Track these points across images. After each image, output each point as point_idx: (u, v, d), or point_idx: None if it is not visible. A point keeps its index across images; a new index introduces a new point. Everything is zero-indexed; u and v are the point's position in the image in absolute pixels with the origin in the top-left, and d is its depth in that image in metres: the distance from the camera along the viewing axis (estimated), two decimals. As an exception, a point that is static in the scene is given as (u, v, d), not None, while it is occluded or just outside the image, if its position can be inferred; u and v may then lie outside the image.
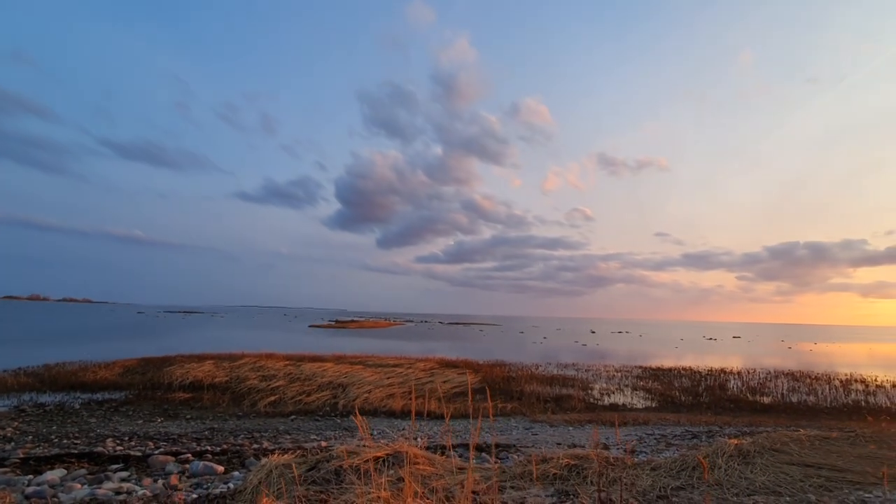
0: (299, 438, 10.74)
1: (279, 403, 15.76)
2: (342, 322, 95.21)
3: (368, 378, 18.78)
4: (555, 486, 4.60)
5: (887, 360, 41.84)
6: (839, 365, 34.80)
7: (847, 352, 53.55)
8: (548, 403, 17.06)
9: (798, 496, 4.70)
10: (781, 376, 25.66)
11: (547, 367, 27.91)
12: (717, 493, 4.67)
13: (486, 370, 23.35)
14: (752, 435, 8.87)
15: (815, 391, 21.23)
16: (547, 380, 22.26)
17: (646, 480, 5.00)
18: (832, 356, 45.51)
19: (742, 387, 22.17)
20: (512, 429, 12.65)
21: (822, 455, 6.73)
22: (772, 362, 35.65)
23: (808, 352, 51.62)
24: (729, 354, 44.38)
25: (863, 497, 4.66)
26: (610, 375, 25.31)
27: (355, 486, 3.24)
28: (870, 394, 20.69)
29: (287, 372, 19.26)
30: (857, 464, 6.16)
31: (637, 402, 18.57)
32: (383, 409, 15.20)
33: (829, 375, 26.25)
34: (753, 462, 6.02)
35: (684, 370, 27.58)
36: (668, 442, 10.32)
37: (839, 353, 49.89)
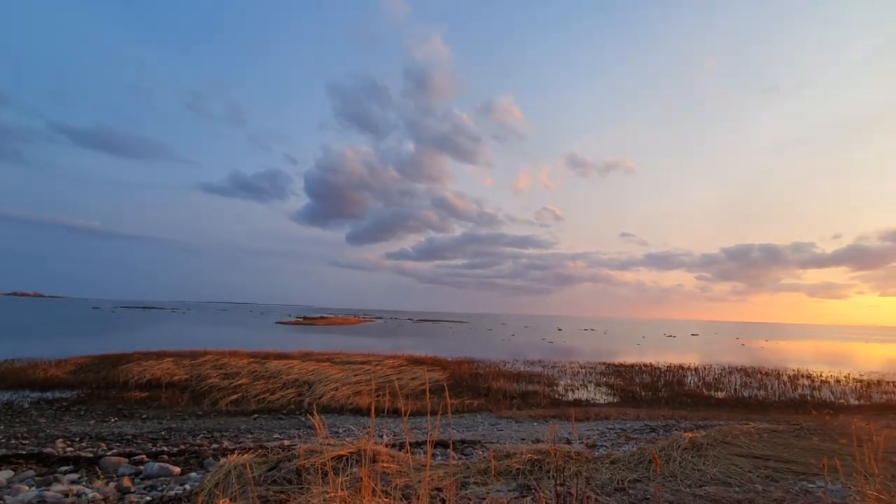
0: (262, 438, 10.51)
1: (242, 402, 15.37)
2: (310, 319, 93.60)
3: (336, 375, 18.56)
4: (517, 481, 4.68)
5: (831, 357, 44.51)
6: (788, 361, 36.80)
7: (795, 349, 56.65)
8: (514, 400, 17.31)
9: (746, 486, 4.95)
10: (735, 372, 26.93)
11: (514, 363, 28.31)
12: (672, 485, 4.86)
13: (455, 367, 23.47)
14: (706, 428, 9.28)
15: (766, 386, 22.39)
16: (514, 376, 22.58)
17: (605, 474, 5.15)
18: (782, 353, 48.05)
19: (698, 382, 23.13)
20: (478, 425, 12.77)
21: (769, 447, 7.11)
22: (726, 359, 37.32)
23: (760, 349, 54.30)
24: (687, 351, 46.18)
25: (806, 487, 4.94)
26: (575, 372, 25.90)
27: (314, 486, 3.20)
28: (815, 389, 21.99)
29: (251, 370, 18.80)
30: (802, 455, 6.54)
31: (600, 398, 19.10)
32: (350, 407, 15.06)
33: (779, 371, 27.74)
34: (706, 454, 6.30)
35: (645, 366, 28.53)
36: (628, 436, 10.66)
37: (788, 351, 52.72)
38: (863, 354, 49.52)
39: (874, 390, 21.75)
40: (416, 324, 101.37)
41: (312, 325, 74.05)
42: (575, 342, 55.68)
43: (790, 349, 55.36)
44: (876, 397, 20.05)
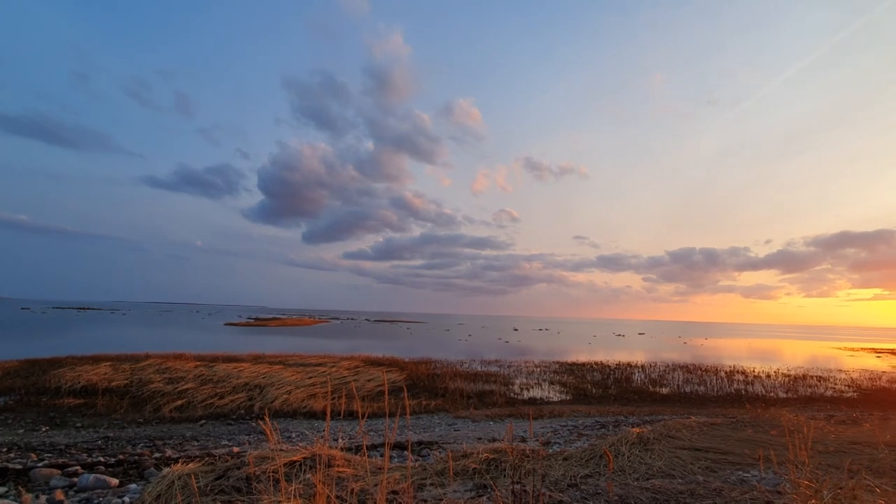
0: (209, 445, 10.03)
1: (187, 408, 14.61)
2: (262, 320, 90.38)
3: (289, 378, 18.02)
4: (474, 481, 4.71)
5: (762, 354, 47.84)
6: (724, 358, 39.21)
7: (731, 347, 60.46)
8: (471, 399, 17.45)
9: (688, 477, 5.23)
10: (678, 369, 28.41)
11: (471, 364, 28.55)
12: (621, 479, 5.05)
13: (412, 368, 23.39)
14: (652, 423, 9.73)
15: (705, 382, 23.77)
16: (470, 376, 22.77)
17: (558, 470, 5.28)
18: (719, 351, 51.14)
19: (645, 379, 24.22)
20: (435, 425, 12.78)
21: (709, 440, 7.54)
22: (670, 356, 39.31)
23: (700, 347, 57.57)
24: (634, 350, 48.25)
25: (742, 477, 5.27)
26: (530, 371, 26.45)
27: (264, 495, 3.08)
28: (749, 384, 23.55)
29: (198, 373, 17.92)
30: (738, 446, 6.98)
31: (553, 396, 19.60)
32: (304, 411, 14.66)
33: (717, 368, 29.52)
34: (652, 448, 6.59)
35: (595, 365, 29.57)
36: (580, 432, 11.00)
37: (725, 348, 56.18)
38: (789, 351, 53.58)
39: (800, 384, 23.57)
40: (374, 324, 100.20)
41: (264, 327, 71.55)
42: (530, 342, 56.87)
43: (727, 347, 59.02)
44: (802, 391, 21.73)
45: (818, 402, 18.64)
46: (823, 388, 22.68)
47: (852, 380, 25.73)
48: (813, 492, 2.65)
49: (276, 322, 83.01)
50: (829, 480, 2.74)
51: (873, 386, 23.66)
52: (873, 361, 40.37)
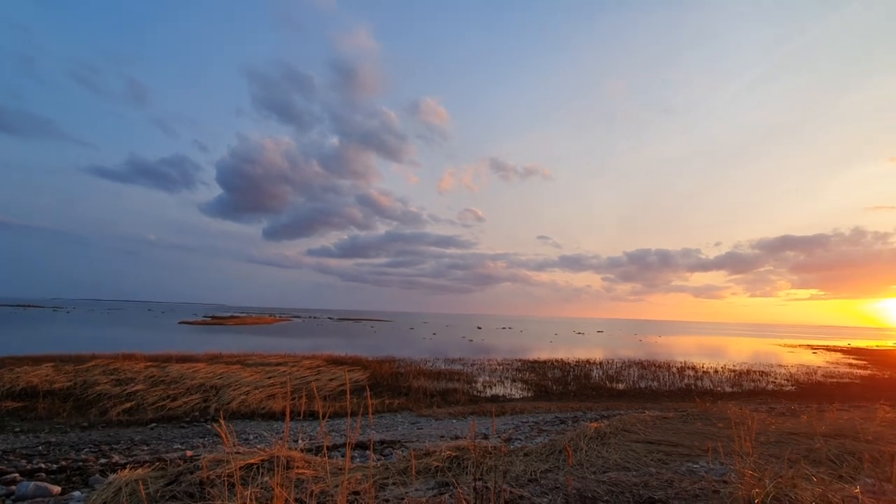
0: (160, 449, 9.59)
1: (136, 410, 13.91)
2: (219, 318, 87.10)
3: (247, 378, 17.47)
4: (436, 479, 4.71)
5: (710, 351, 50.36)
6: (676, 355, 41.00)
7: (682, 344, 63.31)
8: (434, 398, 17.48)
9: (642, 470, 5.43)
10: (633, 366, 29.49)
11: (435, 362, 28.60)
12: (579, 473, 5.19)
13: (375, 367, 23.20)
14: (609, 418, 10.05)
15: (658, 377, 24.80)
16: (434, 375, 22.81)
17: (519, 466, 5.37)
18: (672, 348, 53.44)
19: (603, 375, 25.01)
20: (398, 424, 12.72)
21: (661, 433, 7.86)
22: (626, 353, 40.75)
23: (654, 344, 59.97)
24: (593, 347, 49.71)
25: (691, 467, 5.53)
26: (493, 369, 26.76)
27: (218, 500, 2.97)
28: (698, 379, 24.74)
29: (149, 374, 17.09)
30: (688, 439, 7.31)
31: (515, 393, 19.91)
32: (262, 412, 14.25)
33: (669, 364, 30.85)
34: (609, 442, 6.81)
35: (556, 362, 30.27)
36: (541, 428, 11.23)
37: (677, 345, 58.76)
38: (735, 348, 56.63)
39: (744, 379, 24.99)
40: (337, 323, 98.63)
41: (222, 326, 69.02)
42: (493, 340, 57.53)
43: (678, 344, 61.75)
44: (746, 385, 23.04)
45: (761, 396, 19.81)
46: (765, 382, 24.13)
47: (791, 374, 27.52)
48: (756, 480, 2.80)
49: (235, 320, 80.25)
50: (770, 470, 2.91)
51: (810, 380, 25.40)
52: (810, 357, 43.30)
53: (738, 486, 2.87)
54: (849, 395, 19.94)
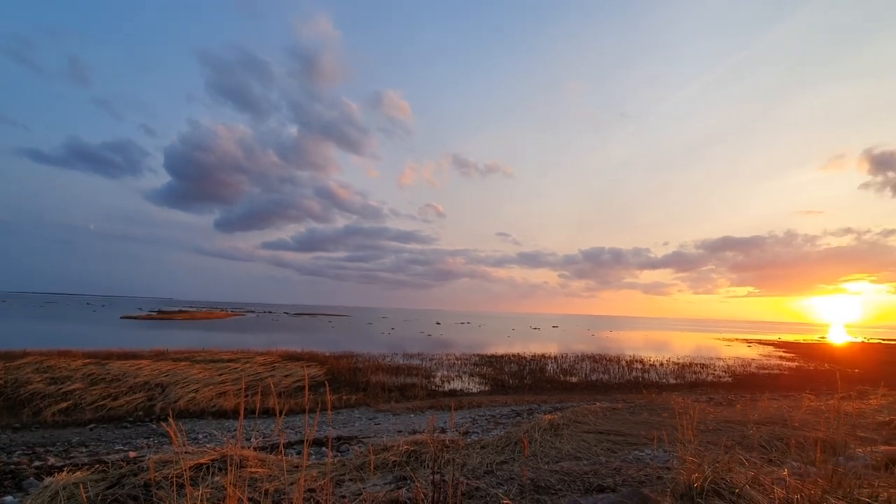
0: (100, 451, 9.05)
1: (74, 410, 13.06)
2: (166, 313, 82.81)
3: (197, 376, 16.76)
4: (394, 474, 4.72)
5: (657, 345, 52.97)
6: (626, 349, 42.83)
7: (632, 338, 66.20)
8: (392, 393, 17.44)
9: (593, 459, 5.67)
10: (586, 359, 30.57)
11: (393, 357, 28.50)
12: (533, 464, 5.34)
13: (333, 362, 22.84)
14: (562, 410, 10.39)
15: (609, 370, 25.85)
16: (392, 370, 22.74)
17: (476, 458, 5.47)
18: (622, 342, 55.78)
19: (557, 369, 25.78)
20: (356, 420, 12.61)
21: (611, 423, 8.21)
22: (579, 348, 42.15)
23: (606, 338, 62.36)
24: (548, 342, 51.10)
25: (638, 455, 5.82)
26: (451, 364, 26.98)
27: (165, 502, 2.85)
28: (645, 371, 25.97)
29: (87, 372, 16.05)
30: (635, 428, 7.68)
31: (473, 387, 20.18)
32: (213, 410, 13.73)
33: (619, 358, 32.19)
34: (562, 433, 7.05)
35: (513, 356, 30.90)
36: (497, 421, 11.45)
37: (627, 340, 61.40)
38: (679, 342, 59.84)
39: (687, 371, 26.47)
40: (293, 317, 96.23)
41: (169, 321, 65.71)
42: (452, 335, 57.95)
43: (628, 339, 64.54)
44: (688, 377, 24.41)
45: (701, 387, 21.06)
46: (705, 374, 25.66)
47: (728, 367, 29.40)
48: (696, 466, 2.99)
49: (183, 315, 76.62)
50: (709, 456, 3.11)
51: (744, 371, 27.25)
52: (745, 350, 46.40)
53: (680, 471, 3.06)
54: (779, 385, 21.54)
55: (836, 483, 2.65)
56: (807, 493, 2.57)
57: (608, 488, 4.16)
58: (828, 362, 34.17)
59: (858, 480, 2.68)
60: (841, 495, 2.55)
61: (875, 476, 2.95)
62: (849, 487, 2.61)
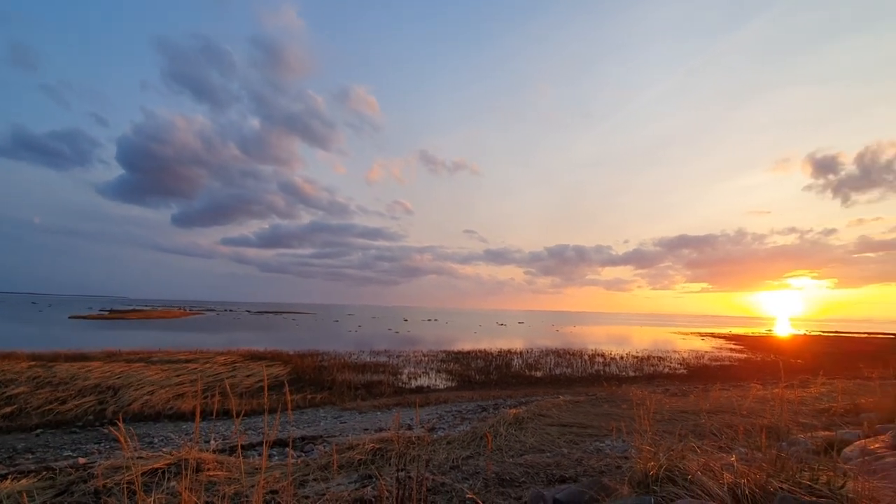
0: (47, 457, 8.54)
1: (18, 415, 12.26)
2: (119, 312, 78.79)
3: (152, 377, 16.05)
4: (359, 472, 4.69)
5: (618, 339, 54.75)
6: (588, 343, 44.03)
7: (594, 333, 68.11)
8: (358, 391, 17.27)
9: (555, 451, 5.81)
10: (550, 354, 31.25)
11: (360, 355, 28.22)
12: (498, 457, 5.42)
13: (297, 361, 22.37)
14: (527, 404, 10.58)
15: (572, 364, 26.53)
16: (359, 367, 22.53)
17: (442, 454, 5.50)
18: (584, 337, 57.30)
19: (522, 364, 26.23)
20: (321, 419, 12.42)
21: (573, 416, 8.44)
22: (544, 343, 43.01)
23: (569, 333, 63.92)
24: (514, 337, 51.88)
25: (598, 446, 6.00)
26: (418, 360, 26.97)
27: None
28: (606, 365, 26.80)
29: (32, 375, 15.08)
30: (596, 420, 7.92)
31: (440, 384, 20.26)
32: (170, 412, 13.20)
33: (582, 352, 33.08)
34: (526, 427, 7.19)
35: (479, 352, 31.21)
36: (463, 417, 11.54)
37: (589, 334, 63.11)
38: (638, 336, 62.05)
39: (645, 364, 27.50)
40: (256, 316, 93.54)
41: (123, 320, 62.57)
42: (419, 332, 57.91)
43: (590, 333, 66.38)
44: (646, 369, 25.37)
45: (658, 379, 21.92)
46: (662, 366, 26.73)
47: (683, 359, 30.73)
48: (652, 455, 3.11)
49: (137, 314, 73.11)
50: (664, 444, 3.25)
51: (698, 363, 28.57)
52: (699, 343, 48.60)
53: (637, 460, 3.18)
54: (729, 376, 22.68)
55: (779, 467, 2.81)
56: (753, 478, 2.72)
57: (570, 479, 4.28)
58: (773, 354, 36.28)
59: (800, 464, 2.85)
60: (783, 479, 2.71)
61: (815, 460, 3.15)
62: (791, 471, 2.77)
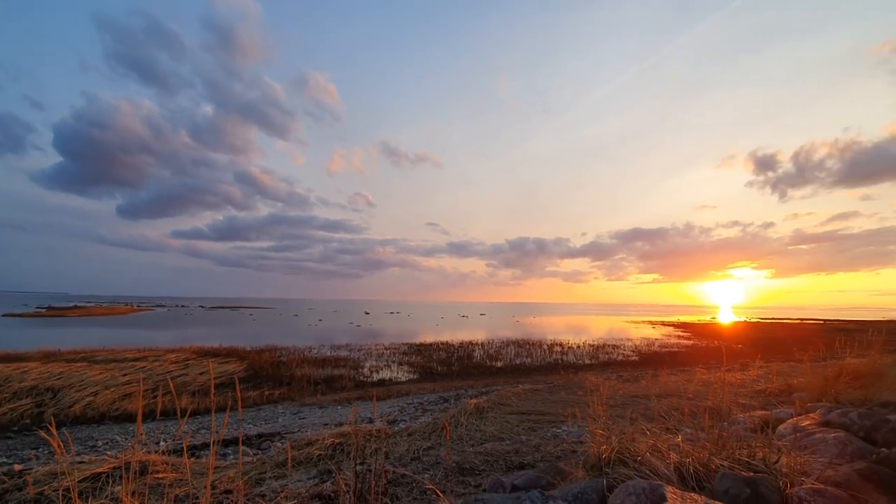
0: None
1: (-64, 424, 11.27)
2: (59, 309, 73.64)
3: (95, 378, 15.16)
4: (318, 468, 4.62)
5: (575, 329, 56.53)
6: (547, 333, 45.22)
7: (553, 323, 69.97)
8: (318, 386, 17.00)
9: (514, 438, 5.94)
10: (511, 344, 31.87)
11: (320, 349, 27.77)
12: (459, 447, 5.48)
13: (254, 357, 21.75)
14: (487, 394, 10.75)
15: (532, 354, 27.17)
16: (319, 362, 22.16)
17: (402, 446, 5.51)
18: (544, 327, 58.77)
19: (484, 355, 26.61)
20: (279, 416, 12.14)
21: (532, 403, 8.65)
22: (505, 333, 43.79)
23: (530, 324, 65.33)
24: (476, 329, 52.52)
25: (555, 432, 6.19)
26: (380, 353, 26.83)
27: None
28: (564, 353, 27.63)
29: (-46, 379, 13.89)
30: (554, 407, 8.15)
31: (402, 376, 20.24)
32: (115, 414, 12.52)
33: (541, 342, 33.94)
34: (486, 416, 7.30)
35: (441, 344, 31.41)
36: (425, 408, 11.59)
37: (548, 325, 64.79)
38: (594, 325, 64.28)
39: (600, 352, 28.55)
40: (210, 311, 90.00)
41: (62, 318, 58.62)
42: (381, 325, 57.55)
43: (549, 324, 68.15)
44: (601, 357, 26.35)
45: (612, 366, 22.81)
46: (616, 354, 27.85)
47: (636, 346, 32.12)
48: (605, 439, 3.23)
49: (79, 311, 68.66)
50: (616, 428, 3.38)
51: (649, 350, 29.94)
52: (650, 331, 50.89)
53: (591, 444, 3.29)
54: (677, 361, 23.90)
55: (720, 446, 2.99)
56: (696, 457, 2.88)
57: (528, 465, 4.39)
58: (717, 340, 38.52)
59: (739, 442, 3.04)
60: (724, 456, 2.89)
61: (753, 437, 3.37)
62: (731, 449, 2.96)
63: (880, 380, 5.89)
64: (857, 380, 5.98)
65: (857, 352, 7.21)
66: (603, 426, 3.48)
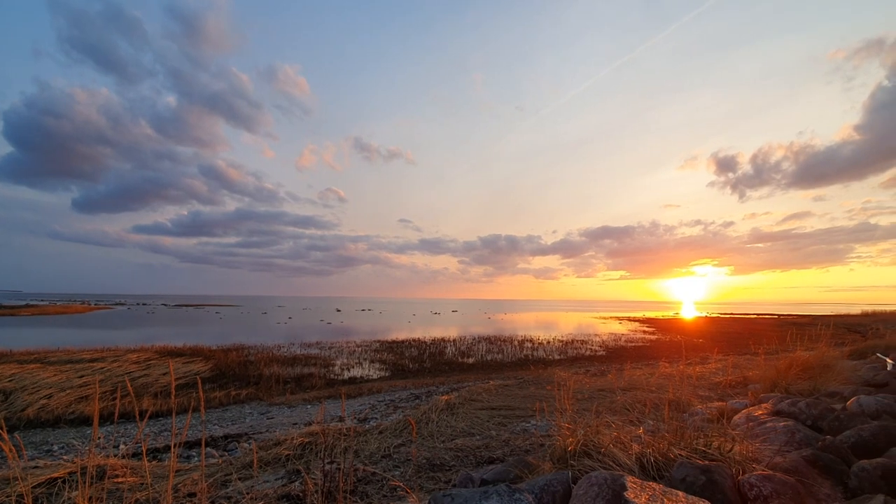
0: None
1: None
2: (9, 308, 69.51)
3: (50, 379, 14.45)
4: (286, 468, 4.56)
5: (545, 325, 57.48)
6: (518, 329, 45.86)
7: (524, 320, 70.95)
8: (287, 384, 16.70)
9: (485, 433, 6.02)
10: (482, 341, 32.15)
11: (290, 347, 27.29)
12: (430, 443, 5.52)
13: (220, 356, 21.17)
14: (459, 390, 10.82)
15: (503, 350, 27.49)
16: (288, 361, 21.76)
17: (373, 444, 5.50)
18: (515, 323, 59.52)
19: (455, 351, 26.74)
20: (246, 416, 11.87)
21: (502, 399, 8.77)
22: (476, 330, 44.15)
23: (501, 321, 66.02)
24: (448, 326, 52.70)
25: (524, 427, 6.30)
26: (351, 351, 26.58)
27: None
28: (534, 349, 28.07)
29: None
30: (523, 402, 8.29)
31: (374, 374, 20.12)
32: (71, 417, 11.97)
33: (512, 338, 34.39)
34: (457, 412, 7.36)
35: (413, 341, 31.38)
36: (396, 406, 11.58)
37: (519, 321, 65.64)
38: (564, 321, 65.55)
39: (569, 347, 29.17)
40: (173, 310, 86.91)
41: (12, 317, 55.46)
42: (353, 322, 56.97)
43: (520, 320, 69.06)
44: (570, 352, 26.91)
45: (580, 361, 23.34)
46: (584, 349, 28.52)
47: (603, 342, 32.97)
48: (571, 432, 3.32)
49: (31, 310, 65.05)
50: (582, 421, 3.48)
51: (616, 345, 30.80)
52: (617, 327, 52.32)
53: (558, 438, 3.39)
54: (642, 355, 24.68)
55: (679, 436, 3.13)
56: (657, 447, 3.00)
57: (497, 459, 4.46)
58: (679, 334, 39.97)
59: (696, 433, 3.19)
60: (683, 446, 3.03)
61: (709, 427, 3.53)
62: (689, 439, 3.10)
63: (827, 371, 6.28)
64: (806, 371, 6.35)
65: (807, 345, 7.64)
66: (569, 420, 3.58)
